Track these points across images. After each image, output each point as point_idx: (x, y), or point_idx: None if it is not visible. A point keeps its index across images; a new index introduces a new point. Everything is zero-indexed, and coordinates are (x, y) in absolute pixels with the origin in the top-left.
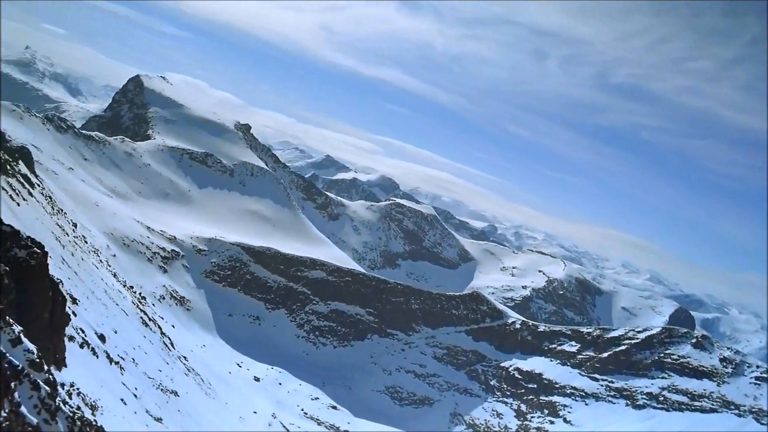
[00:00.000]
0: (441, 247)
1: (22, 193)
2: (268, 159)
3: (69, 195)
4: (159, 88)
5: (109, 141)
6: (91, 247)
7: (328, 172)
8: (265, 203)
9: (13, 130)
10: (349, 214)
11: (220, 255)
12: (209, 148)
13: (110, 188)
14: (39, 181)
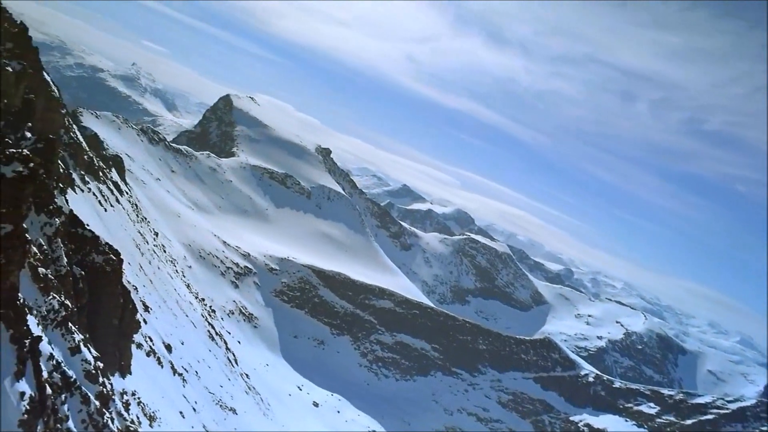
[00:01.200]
0: (513, 287)
1: (110, 200)
2: (345, 184)
3: (154, 204)
4: (247, 108)
5: (196, 155)
6: (169, 256)
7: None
8: (339, 228)
9: (111, 139)
10: (421, 246)
11: (291, 276)
12: (289, 169)
13: (192, 201)
14: (128, 189)
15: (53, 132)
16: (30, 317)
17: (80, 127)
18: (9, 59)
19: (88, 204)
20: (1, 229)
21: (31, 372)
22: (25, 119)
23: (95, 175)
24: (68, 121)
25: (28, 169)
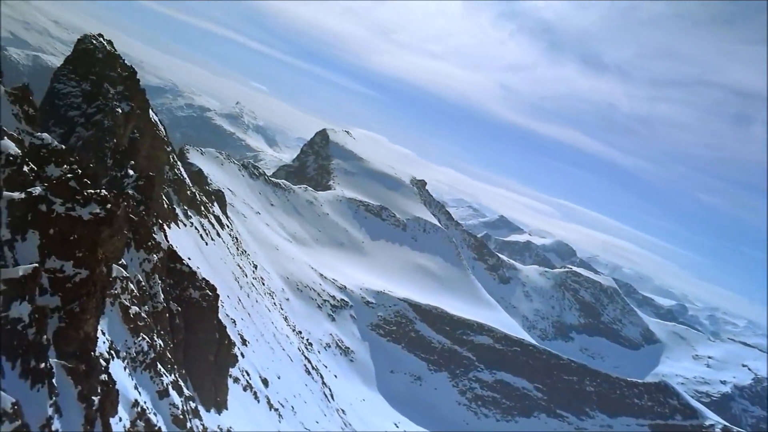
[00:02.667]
0: (621, 324)
1: (212, 233)
2: (441, 216)
3: (254, 237)
4: (342, 142)
5: (294, 189)
6: (268, 289)
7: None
8: (436, 260)
9: (214, 174)
10: (521, 279)
11: (387, 309)
12: (385, 202)
13: (291, 233)
14: (229, 223)
15: (157, 169)
16: (117, 360)
17: (186, 164)
18: (119, 101)
19: (191, 238)
20: (76, 275)
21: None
22: (131, 157)
23: (198, 209)
24: (173, 158)
25: (106, 210)
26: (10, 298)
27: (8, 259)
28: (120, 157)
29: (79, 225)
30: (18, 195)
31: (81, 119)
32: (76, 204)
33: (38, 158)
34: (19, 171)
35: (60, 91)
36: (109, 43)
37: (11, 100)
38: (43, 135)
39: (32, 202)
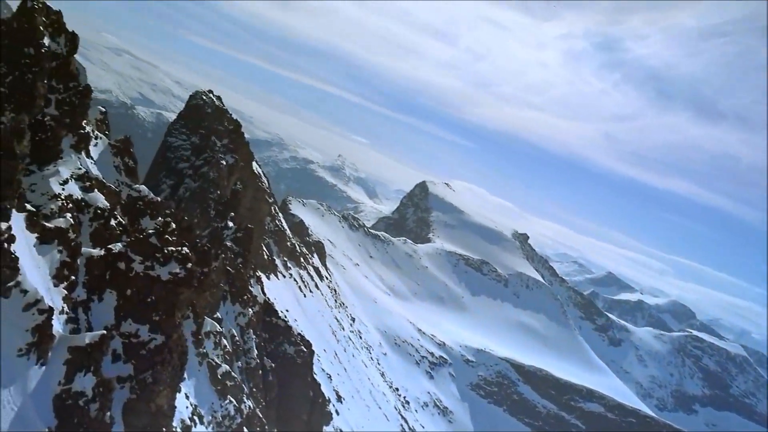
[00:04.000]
0: (755, 398)
1: (310, 285)
2: (544, 271)
3: (352, 289)
4: (442, 194)
5: (394, 241)
6: (365, 343)
7: (610, 290)
8: (539, 318)
9: (315, 225)
10: (633, 341)
11: (488, 368)
12: (486, 256)
13: (389, 286)
14: (328, 274)
15: (259, 220)
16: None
17: (288, 215)
18: (225, 154)
19: (289, 289)
20: (151, 341)
21: None
22: (233, 208)
23: (297, 260)
24: (275, 210)
25: (186, 270)
26: (74, 368)
27: (82, 322)
28: (222, 208)
29: (157, 285)
30: (97, 252)
31: (189, 171)
32: (155, 262)
33: (134, 210)
34: (106, 225)
35: (172, 144)
36: (218, 99)
37: (113, 152)
38: (141, 187)
39: (111, 260)
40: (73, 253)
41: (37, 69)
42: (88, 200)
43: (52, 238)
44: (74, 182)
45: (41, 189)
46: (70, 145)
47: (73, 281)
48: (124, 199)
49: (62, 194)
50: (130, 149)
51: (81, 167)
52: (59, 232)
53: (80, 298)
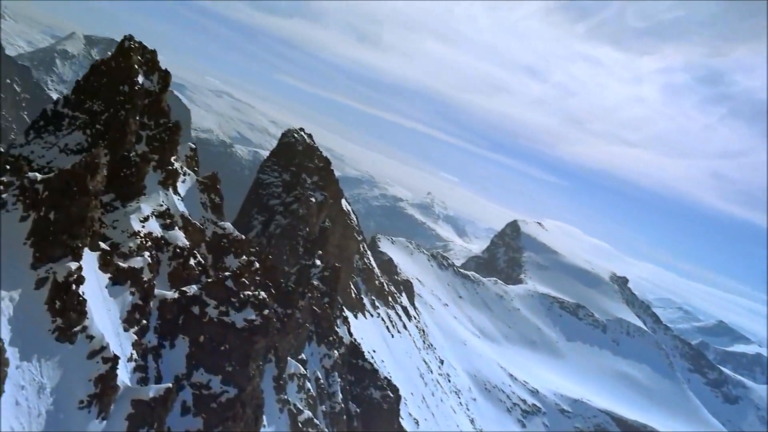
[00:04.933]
0: None
1: (398, 325)
2: (647, 317)
3: (441, 330)
4: (534, 233)
5: (484, 282)
6: (454, 386)
7: (722, 341)
8: (642, 369)
9: (404, 263)
10: (753, 400)
11: (586, 420)
12: (581, 299)
13: (479, 328)
14: (416, 314)
15: (347, 258)
16: None
17: (377, 252)
18: (314, 191)
19: (377, 329)
20: (223, 394)
21: None
22: (321, 246)
23: (385, 299)
24: (364, 248)
25: (263, 317)
26: (136, 424)
27: (151, 370)
28: (311, 245)
29: (231, 333)
30: (171, 294)
31: (280, 207)
32: (230, 307)
33: (219, 248)
34: (185, 264)
35: (264, 181)
36: (309, 137)
37: (201, 188)
38: (226, 224)
39: (185, 303)
40: (146, 295)
41: (130, 106)
42: (168, 238)
43: (125, 279)
44: (155, 219)
45: (122, 226)
46: (158, 181)
47: (144, 326)
48: (209, 237)
49: (142, 232)
50: (217, 186)
51: (163, 204)
52: (133, 273)
53: (151, 344)
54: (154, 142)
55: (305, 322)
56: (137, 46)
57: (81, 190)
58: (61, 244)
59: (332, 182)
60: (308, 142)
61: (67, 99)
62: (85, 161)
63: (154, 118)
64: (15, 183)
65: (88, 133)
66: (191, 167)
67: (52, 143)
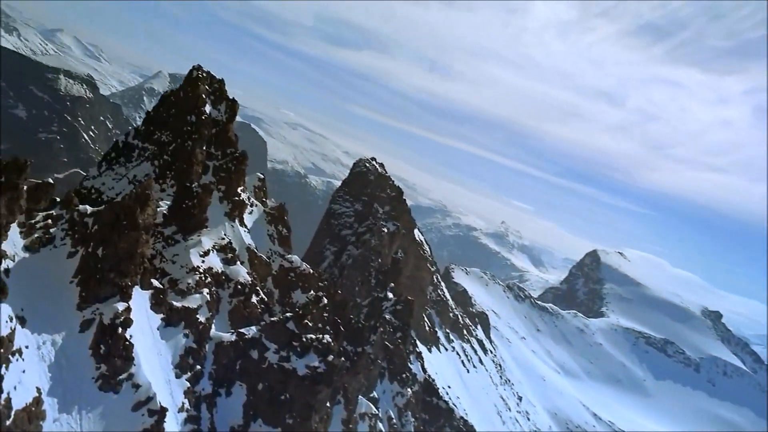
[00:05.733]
0: None
1: (474, 360)
2: (745, 356)
3: (518, 364)
4: (615, 264)
5: (563, 314)
6: (533, 425)
7: None
8: (743, 413)
9: (478, 294)
10: None
11: None
12: (670, 335)
13: (559, 363)
14: (493, 348)
15: (420, 289)
16: None
17: (451, 283)
18: (386, 221)
19: (452, 363)
20: None
21: None
22: (393, 278)
23: (460, 332)
24: (437, 279)
25: (327, 364)
26: None
27: (204, 421)
28: (383, 277)
29: (292, 381)
30: (228, 336)
31: (352, 238)
32: (292, 352)
33: (285, 282)
34: (246, 302)
35: (336, 211)
36: (381, 166)
37: (268, 220)
38: (293, 257)
39: (243, 346)
40: (201, 337)
41: (197, 136)
42: (230, 274)
43: (179, 320)
44: (216, 254)
45: (182, 260)
46: (224, 212)
47: (198, 371)
48: (275, 270)
49: (201, 267)
50: (285, 217)
51: (225, 237)
52: (187, 313)
53: (205, 392)
54: (220, 173)
55: (377, 358)
56: (205, 75)
57: (130, 223)
58: (109, 283)
59: (405, 212)
60: (380, 172)
61: (138, 131)
62: (136, 193)
63: (221, 147)
64: (64, 216)
65: (156, 164)
66: (259, 198)
67: (122, 175)
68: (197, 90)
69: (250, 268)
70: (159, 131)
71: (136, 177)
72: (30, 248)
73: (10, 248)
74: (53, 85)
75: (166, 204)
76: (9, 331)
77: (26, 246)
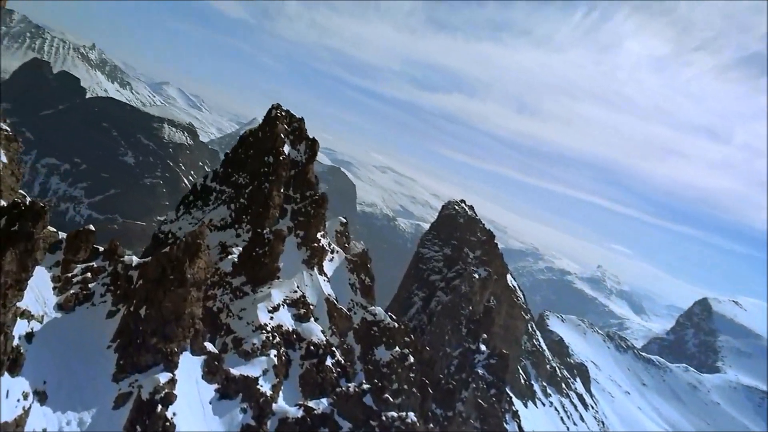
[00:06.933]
0: None
1: (574, 416)
2: None
3: (623, 422)
4: (730, 314)
5: (671, 368)
6: None
7: None
8: None
9: (576, 343)
10: None
11: None
12: None
13: (669, 422)
14: (594, 403)
15: (515, 339)
16: None
17: (546, 331)
18: (477, 266)
19: (550, 420)
20: None
21: None
22: (485, 328)
23: (558, 386)
24: (532, 327)
25: None
26: None
27: None
28: (474, 326)
29: None
30: (294, 411)
31: (441, 283)
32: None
33: (368, 337)
34: (319, 365)
35: (424, 255)
36: (471, 209)
37: (350, 267)
38: (376, 309)
39: (311, 424)
40: (262, 412)
41: (274, 177)
42: (302, 332)
43: (237, 391)
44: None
45: (248, 317)
46: (302, 260)
47: None
48: (357, 324)
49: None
50: (368, 265)
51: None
52: (246, 383)
53: None
54: (299, 217)
55: (469, 417)
56: (284, 114)
57: (178, 279)
58: (151, 349)
59: (496, 257)
60: (470, 214)
61: (216, 173)
62: (185, 242)
63: (300, 190)
64: (107, 269)
65: (232, 207)
66: (341, 244)
67: (199, 219)
68: (276, 129)
69: (329, 321)
70: (237, 173)
71: (212, 221)
72: (63, 307)
73: (38, 307)
74: (158, 133)
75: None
76: (21, 412)
77: (59, 304)
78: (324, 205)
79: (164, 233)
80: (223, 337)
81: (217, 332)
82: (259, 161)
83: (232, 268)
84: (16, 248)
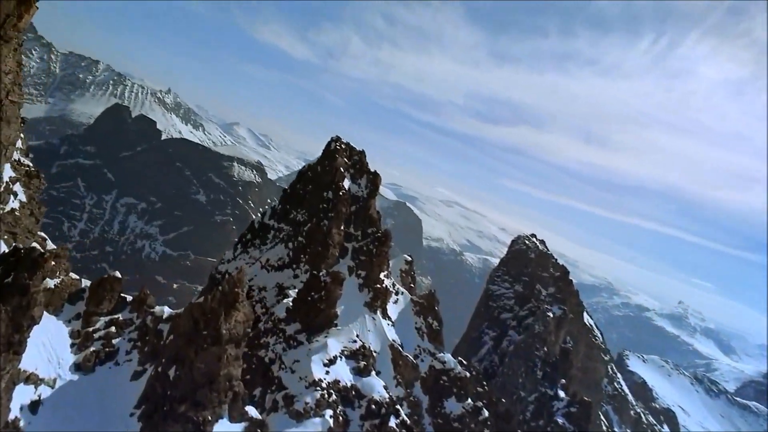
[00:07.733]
0: None
1: None
2: None
3: None
4: None
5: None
6: None
7: None
8: None
9: (661, 387)
10: None
11: None
12: None
13: None
14: None
15: (595, 382)
16: None
17: (626, 372)
18: (551, 304)
19: None
20: None
21: None
22: (563, 371)
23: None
24: (612, 369)
25: None
26: None
27: None
28: (551, 369)
29: None
30: None
31: (513, 322)
32: None
33: (436, 387)
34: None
35: (494, 292)
36: (542, 243)
37: (416, 310)
38: (446, 356)
39: None
40: None
41: (334, 214)
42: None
43: None
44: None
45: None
46: (364, 302)
47: None
48: (424, 372)
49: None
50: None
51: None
52: None
53: None
54: (360, 256)
55: None
56: (343, 147)
57: (212, 335)
58: (179, 418)
59: (571, 294)
60: (541, 249)
61: (274, 210)
62: (221, 291)
63: (361, 226)
64: (134, 322)
65: (290, 246)
66: (406, 284)
67: (256, 258)
68: (335, 162)
69: (394, 370)
70: (295, 209)
71: (269, 261)
72: (82, 367)
73: (50, 369)
74: (228, 171)
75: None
76: None
77: (77, 364)
78: (387, 243)
79: (221, 273)
80: (274, 392)
81: (269, 386)
82: (318, 197)
83: (285, 313)
84: (7, 305)
